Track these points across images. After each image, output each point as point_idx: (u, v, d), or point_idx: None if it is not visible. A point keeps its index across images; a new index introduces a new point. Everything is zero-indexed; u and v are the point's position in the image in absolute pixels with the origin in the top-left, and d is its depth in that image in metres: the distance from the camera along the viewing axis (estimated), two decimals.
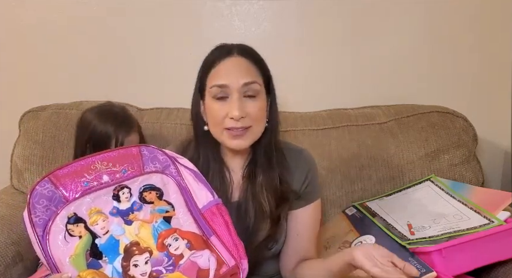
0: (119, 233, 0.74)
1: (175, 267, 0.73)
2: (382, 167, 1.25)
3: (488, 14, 1.39)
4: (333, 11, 1.40)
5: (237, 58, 0.88)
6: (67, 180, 0.75)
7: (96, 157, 0.78)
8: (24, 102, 1.39)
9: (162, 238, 0.75)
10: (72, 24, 1.44)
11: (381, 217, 1.09)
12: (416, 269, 0.74)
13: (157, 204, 0.78)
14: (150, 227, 0.75)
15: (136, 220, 0.75)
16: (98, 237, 0.72)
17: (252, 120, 0.86)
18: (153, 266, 0.73)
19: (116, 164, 0.79)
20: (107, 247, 0.72)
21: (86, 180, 0.76)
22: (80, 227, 0.72)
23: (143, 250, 0.73)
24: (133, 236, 0.74)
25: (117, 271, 0.71)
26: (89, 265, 0.71)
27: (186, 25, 1.43)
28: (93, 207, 0.74)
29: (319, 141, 1.28)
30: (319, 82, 1.46)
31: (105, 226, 0.73)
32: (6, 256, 1.05)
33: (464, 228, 0.94)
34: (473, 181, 1.25)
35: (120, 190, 0.77)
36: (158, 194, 0.79)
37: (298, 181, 0.94)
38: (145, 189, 0.78)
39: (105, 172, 0.77)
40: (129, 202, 0.77)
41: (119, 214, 0.75)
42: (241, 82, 0.84)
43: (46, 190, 0.73)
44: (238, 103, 0.84)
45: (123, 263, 0.72)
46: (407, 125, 1.29)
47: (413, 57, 1.43)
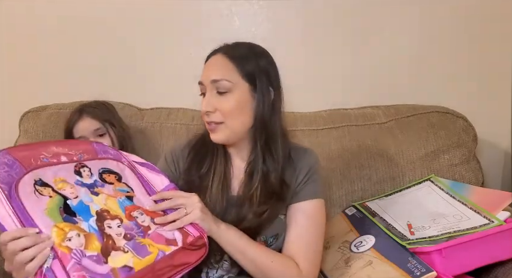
0: (87, 200, 0.75)
1: (145, 235, 0.76)
2: (382, 167, 1.25)
3: (489, 14, 1.39)
4: (333, 11, 1.41)
5: (216, 56, 0.92)
6: (25, 156, 0.75)
7: (51, 143, 0.82)
8: (24, 102, 1.39)
9: (129, 211, 0.78)
10: (72, 25, 1.44)
11: (381, 217, 1.09)
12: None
13: (118, 185, 0.82)
14: (116, 201, 0.78)
15: (102, 193, 0.78)
16: (69, 199, 0.73)
17: (223, 116, 0.88)
18: (126, 230, 0.75)
19: (72, 150, 0.82)
20: (79, 209, 0.73)
21: (45, 157, 0.77)
22: (47, 189, 0.72)
23: (114, 216, 0.75)
24: (102, 205, 0.76)
25: (94, 228, 0.71)
26: (64, 219, 0.70)
27: (186, 25, 1.43)
28: (58, 177, 0.75)
29: (319, 141, 1.28)
30: (319, 82, 1.46)
31: (74, 192, 0.75)
32: None
33: (464, 228, 0.94)
34: (473, 181, 1.25)
35: (81, 167, 0.80)
36: (117, 177, 0.83)
37: (299, 177, 0.94)
38: (104, 172, 0.82)
39: (62, 153, 0.80)
40: (90, 178, 0.79)
41: (84, 186, 0.77)
42: (210, 78, 0.89)
43: (5, 159, 0.73)
44: (206, 99, 0.89)
45: (97, 223, 0.73)
46: (407, 125, 1.29)
47: (413, 57, 1.43)
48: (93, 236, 0.70)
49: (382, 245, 0.99)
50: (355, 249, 1.03)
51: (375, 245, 1.00)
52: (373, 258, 0.97)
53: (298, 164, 0.95)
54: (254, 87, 0.90)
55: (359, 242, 1.04)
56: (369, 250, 1.00)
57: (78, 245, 0.67)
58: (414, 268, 0.88)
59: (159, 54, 1.45)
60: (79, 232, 0.69)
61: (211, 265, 0.92)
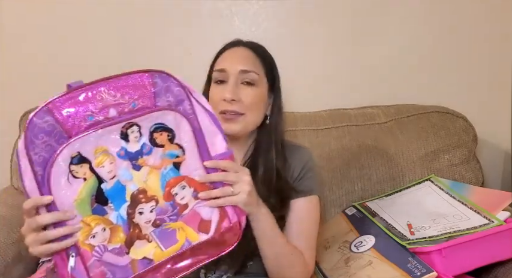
0: (126, 178, 0.68)
1: (179, 216, 0.71)
2: (382, 167, 1.25)
3: (489, 14, 1.39)
4: (332, 11, 1.41)
5: (241, 48, 0.94)
6: (69, 112, 0.65)
7: (101, 85, 0.69)
8: (24, 102, 1.39)
9: (170, 186, 0.71)
10: (72, 24, 1.44)
11: (381, 217, 1.09)
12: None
13: (168, 147, 0.70)
14: (159, 174, 0.70)
15: (146, 165, 0.69)
16: (104, 181, 0.67)
17: (245, 107, 0.88)
18: (158, 214, 0.70)
19: (125, 95, 0.68)
20: (113, 194, 0.67)
21: (91, 114, 0.66)
22: (84, 167, 0.65)
23: (149, 198, 0.70)
24: (141, 183, 0.69)
25: (122, 218, 0.68)
26: (93, 210, 0.66)
27: (186, 25, 1.43)
28: (99, 145, 0.66)
29: (319, 141, 1.28)
30: (319, 82, 1.46)
31: (112, 170, 0.67)
32: (6, 256, 1.05)
33: (464, 228, 0.94)
34: (473, 181, 1.25)
35: (129, 127, 0.68)
36: (170, 136, 0.71)
37: (293, 174, 0.95)
38: (156, 129, 0.70)
39: (112, 104, 0.67)
40: (138, 142, 0.68)
41: (127, 157, 0.68)
42: (238, 68, 0.89)
43: (46, 123, 0.64)
44: (232, 86, 0.88)
45: (128, 210, 0.68)
46: (407, 125, 1.29)
47: (413, 57, 1.43)
48: (119, 228, 0.68)
49: (382, 245, 0.99)
50: (355, 249, 1.03)
51: (375, 245, 1.00)
52: (373, 258, 0.97)
53: (292, 162, 0.96)
54: (271, 87, 0.94)
55: (359, 242, 1.04)
56: (369, 250, 1.00)
57: (101, 241, 0.67)
58: (414, 268, 0.88)
59: (159, 54, 1.45)
60: (105, 226, 0.67)
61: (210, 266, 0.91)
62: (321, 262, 1.07)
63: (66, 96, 0.66)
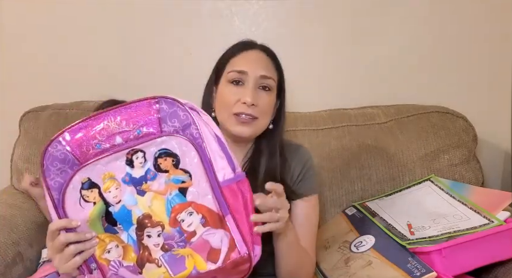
0: (131, 203, 0.71)
1: (187, 243, 0.72)
2: (382, 167, 1.25)
3: (489, 14, 1.39)
4: (332, 11, 1.41)
5: (258, 52, 0.94)
6: (78, 141, 0.70)
7: (108, 114, 0.71)
8: (24, 102, 1.39)
9: (176, 212, 0.71)
10: (72, 24, 1.44)
11: (381, 217, 1.09)
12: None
13: (173, 172, 0.71)
14: (163, 200, 0.71)
15: (150, 191, 0.71)
16: (111, 205, 0.71)
17: (260, 112, 0.89)
18: (165, 239, 0.72)
19: (130, 123, 0.71)
20: (120, 217, 0.71)
21: (98, 142, 0.70)
22: (94, 192, 0.71)
23: (155, 223, 0.71)
24: (146, 208, 0.71)
25: (132, 239, 0.72)
26: (106, 229, 0.72)
27: (186, 25, 1.43)
28: (107, 171, 0.71)
29: (319, 141, 1.28)
30: (319, 82, 1.46)
31: (118, 195, 0.71)
32: (6, 256, 1.05)
33: (464, 228, 0.94)
34: (473, 181, 1.25)
35: (134, 154, 0.71)
36: (174, 161, 0.71)
37: (294, 175, 0.96)
38: (160, 155, 0.71)
39: (118, 132, 0.70)
40: (143, 168, 0.71)
41: (131, 183, 0.71)
42: (259, 73, 0.90)
43: (58, 152, 0.69)
44: (252, 90, 0.88)
45: (137, 232, 0.71)
46: (407, 125, 1.29)
47: (413, 57, 1.43)
48: (130, 248, 0.72)
49: (382, 245, 0.99)
50: (355, 249, 1.03)
51: (375, 245, 1.00)
52: (373, 258, 0.97)
53: (291, 162, 0.96)
54: (278, 93, 0.95)
55: (359, 242, 1.04)
56: (368, 250, 1.00)
57: (116, 257, 0.72)
58: (414, 268, 0.88)
59: (159, 54, 1.45)
60: (118, 244, 0.72)
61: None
62: (321, 262, 1.07)
63: (76, 126, 0.71)
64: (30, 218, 1.20)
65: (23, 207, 1.23)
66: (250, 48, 0.95)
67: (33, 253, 1.14)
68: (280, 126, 0.96)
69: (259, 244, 0.75)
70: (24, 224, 1.17)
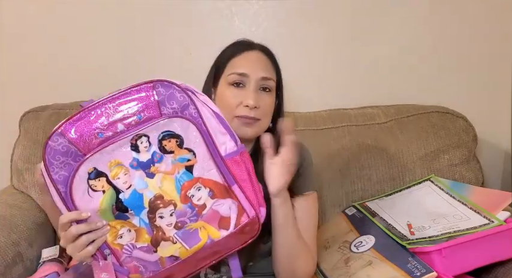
0: (141, 187, 0.72)
1: (199, 217, 0.74)
2: (382, 167, 1.25)
3: (489, 14, 1.39)
4: (332, 11, 1.41)
5: (258, 53, 0.94)
6: (79, 132, 0.70)
7: (107, 102, 0.72)
8: (24, 102, 1.39)
9: (185, 189, 0.74)
10: (72, 24, 1.44)
11: (381, 217, 1.09)
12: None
13: (178, 152, 0.73)
14: (172, 179, 0.73)
15: (158, 172, 0.73)
16: (121, 192, 0.72)
17: (262, 113, 0.89)
18: (178, 217, 0.73)
19: (130, 109, 0.72)
20: (132, 202, 0.72)
21: (100, 131, 0.71)
22: (102, 181, 0.71)
23: (167, 203, 0.73)
24: (157, 189, 0.73)
25: (145, 222, 0.73)
26: (116, 217, 0.73)
27: (186, 25, 1.43)
28: (113, 159, 0.71)
29: (319, 141, 1.28)
30: (319, 82, 1.46)
31: (127, 181, 0.72)
32: (6, 256, 1.05)
33: (464, 228, 0.94)
34: (473, 181, 1.25)
35: (138, 139, 0.72)
36: (178, 141, 0.73)
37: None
38: (164, 137, 0.73)
39: (119, 119, 0.71)
40: (148, 152, 0.72)
41: (140, 167, 0.72)
42: (261, 75, 0.90)
43: (60, 145, 0.70)
44: (254, 93, 0.88)
45: (149, 215, 0.73)
46: (407, 125, 1.29)
47: (413, 57, 1.43)
48: (143, 230, 0.74)
49: (382, 245, 0.99)
50: (355, 249, 1.03)
51: (375, 245, 1.00)
52: (373, 258, 0.97)
53: None
54: (277, 93, 0.95)
55: (359, 242, 1.04)
56: (368, 250, 1.00)
57: (129, 240, 0.74)
58: (414, 268, 0.88)
59: (159, 54, 1.45)
60: (130, 228, 0.74)
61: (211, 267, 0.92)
62: (321, 262, 1.06)
63: (75, 117, 0.71)
64: (30, 218, 1.20)
65: (23, 207, 1.23)
66: (250, 48, 0.94)
67: (33, 253, 1.14)
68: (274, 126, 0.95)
69: (264, 206, 0.79)
70: (24, 224, 1.17)
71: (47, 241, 1.23)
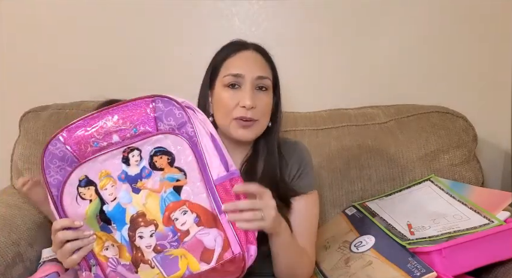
0: (126, 201, 0.72)
1: (180, 243, 0.71)
2: (382, 167, 1.25)
3: (489, 14, 1.39)
4: (332, 11, 1.41)
5: (252, 52, 0.93)
6: (77, 139, 0.72)
7: (105, 113, 0.72)
8: (24, 102, 1.39)
9: (170, 211, 0.71)
10: (72, 24, 1.44)
11: (381, 217, 1.09)
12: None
13: (168, 170, 0.71)
14: (158, 198, 0.71)
15: (145, 188, 0.71)
16: (106, 204, 0.72)
17: (259, 113, 0.88)
18: (158, 240, 0.71)
19: (127, 121, 0.72)
20: (114, 215, 0.72)
21: (96, 140, 0.72)
22: (90, 190, 0.72)
23: (149, 222, 0.71)
24: (140, 206, 0.71)
25: (125, 240, 0.72)
26: (101, 227, 0.73)
27: (186, 25, 1.43)
28: (104, 169, 0.72)
29: (319, 141, 1.28)
30: (319, 82, 1.46)
31: (113, 193, 0.72)
32: (6, 256, 1.05)
33: (464, 228, 0.94)
34: (473, 181, 1.25)
35: (130, 152, 0.71)
36: (170, 159, 0.71)
37: (292, 171, 0.95)
38: (156, 153, 0.71)
39: (114, 131, 0.72)
40: (138, 166, 0.71)
41: (127, 181, 0.72)
42: (256, 74, 0.88)
43: (58, 150, 0.71)
44: (250, 93, 0.87)
45: (129, 233, 0.72)
46: (407, 125, 1.29)
47: (413, 57, 1.43)
48: (124, 248, 0.73)
49: (382, 245, 0.99)
50: (355, 249, 1.03)
51: (375, 245, 1.00)
52: (373, 258, 0.97)
53: (289, 159, 0.96)
54: (274, 91, 0.94)
55: (359, 242, 1.04)
56: (368, 250, 1.00)
57: (113, 254, 0.74)
58: (414, 269, 0.88)
59: (159, 54, 1.45)
60: (113, 243, 0.73)
61: None
62: (321, 262, 1.07)
63: (75, 125, 0.72)
64: (30, 218, 1.20)
65: (23, 207, 1.23)
66: (244, 48, 0.93)
67: (33, 253, 1.14)
68: (277, 123, 0.96)
69: (255, 244, 0.74)
70: (24, 225, 1.17)
71: (47, 241, 1.22)
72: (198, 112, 0.76)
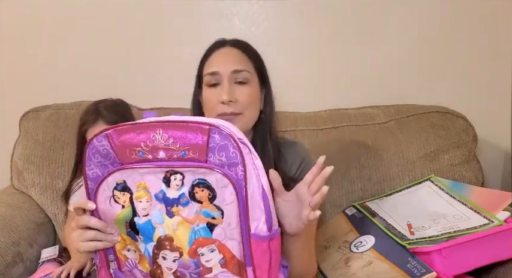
0: (157, 221, 0.69)
1: (200, 277, 0.70)
2: (382, 167, 1.25)
3: (489, 14, 1.39)
4: (332, 11, 1.40)
5: (228, 48, 0.93)
6: (123, 142, 0.68)
7: (158, 126, 0.68)
8: (24, 102, 1.39)
9: (198, 245, 0.68)
10: (72, 24, 1.44)
11: (381, 217, 1.09)
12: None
13: (207, 206, 0.67)
14: (189, 229, 0.68)
15: (179, 215, 0.68)
16: (138, 216, 0.70)
17: (242, 106, 0.88)
18: (179, 267, 0.70)
19: (177, 142, 0.67)
20: (143, 230, 0.70)
21: (142, 150, 0.68)
22: (125, 196, 0.69)
23: (175, 248, 0.69)
24: (170, 231, 0.69)
25: (149, 253, 0.71)
26: (128, 233, 0.71)
27: (186, 25, 1.43)
28: (143, 181, 0.69)
29: (319, 141, 1.28)
30: (319, 82, 1.46)
31: (147, 208, 0.69)
32: (6, 256, 1.05)
33: (464, 228, 0.94)
34: (473, 181, 1.25)
35: (173, 174, 0.68)
36: (211, 195, 0.67)
37: (292, 170, 0.95)
38: (198, 184, 0.67)
39: (162, 148, 0.67)
40: (178, 191, 0.68)
41: (163, 201, 0.69)
42: (231, 69, 0.89)
43: (101, 147, 0.68)
44: (227, 88, 0.88)
45: (154, 250, 0.70)
46: (407, 125, 1.29)
47: (413, 57, 1.43)
48: (145, 259, 0.71)
49: (382, 245, 0.99)
50: (355, 249, 1.03)
51: (375, 245, 1.00)
52: (373, 258, 0.97)
53: (288, 157, 0.96)
54: (261, 83, 0.94)
55: (359, 243, 1.04)
56: (368, 250, 1.00)
57: (133, 258, 0.73)
58: (414, 269, 0.88)
59: (159, 54, 1.45)
60: (135, 250, 0.72)
61: None
62: (321, 262, 1.06)
63: (125, 127, 0.69)
64: (30, 218, 1.20)
65: (23, 207, 1.23)
66: (221, 46, 0.94)
67: (33, 253, 1.14)
68: (268, 115, 0.95)
69: None
70: (24, 225, 1.17)
71: (47, 241, 1.23)
72: (254, 155, 0.69)
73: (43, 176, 1.28)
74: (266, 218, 0.67)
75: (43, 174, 1.28)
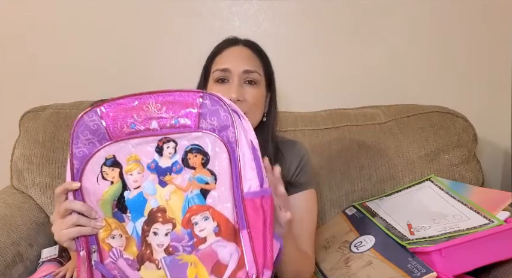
0: (149, 192, 0.69)
1: (194, 250, 0.68)
2: (382, 167, 1.25)
3: (488, 14, 1.40)
4: (332, 11, 1.41)
5: (241, 47, 0.94)
6: (115, 116, 0.68)
7: (150, 96, 0.69)
8: (24, 102, 1.39)
9: (191, 213, 0.68)
10: (72, 24, 1.44)
11: (381, 217, 1.09)
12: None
13: (200, 171, 0.68)
14: (183, 197, 0.68)
15: (172, 184, 0.68)
16: (128, 190, 0.69)
17: (248, 106, 0.89)
18: (172, 240, 0.68)
19: (170, 110, 0.68)
20: (133, 204, 0.69)
21: (134, 122, 0.68)
22: (115, 171, 0.68)
23: (167, 220, 0.68)
24: (163, 201, 0.68)
25: (137, 233, 0.69)
26: (114, 214, 0.69)
27: (186, 25, 1.43)
28: (134, 153, 0.68)
29: (319, 141, 1.28)
30: (319, 82, 1.46)
31: (138, 180, 0.68)
32: (6, 256, 1.05)
33: (464, 228, 0.94)
34: (473, 181, 1.25)
35: (166, 142, 0.68)
36: (204, 160, 0.68)
37: (291, 169, 0.96)
38: (191, 150, 0.68)
39: (155, 117, 0.68)
40: (171, 159, 0.68)
41: (156, 171, 0.68)
42: (242, 68, 0.89)
43: (92, 122, 0.67)
44: (237, 86, 0.88)
45: (144, 226, 0.69)
46: (407, 125, 1.29)
47: (413, 57, 1.43)
48: (133, 241, 0.69)
49: (382, 245, 0.99)
50: (355, 249, 1.03)
51: (375, 245, 1.00)
52: (373, 258, 0.97)
53: (287, 157, 0.96)
54: (268, 86, 0.95)
55: (359, 242, 1.04)
56: (368, 250, 1.00)
57: (118, 245, 0.70)
58: (414, 269, 0.88)
59: (159, 54, 1.45)
60: (122, 233, 0.70)
61: None
62: (321, 262, 1.07)
63: (116, 101, 0.69)
64: (30, 218, 1.20)
65: (23, 207, 1.23)
66: (234, 44, 0.95)
67: (33, 253, 1.14)
68: (272, 118, 0.96)
69: (271, 269, 0.68)
70: (24, 224, 1.17)
71: (47, 241, 1.23)
72: (243, 118, 0.71)
73: (43, 176, 1.28)
74: (258, 173, 0.68)
75: (43, 174, 1.28)
